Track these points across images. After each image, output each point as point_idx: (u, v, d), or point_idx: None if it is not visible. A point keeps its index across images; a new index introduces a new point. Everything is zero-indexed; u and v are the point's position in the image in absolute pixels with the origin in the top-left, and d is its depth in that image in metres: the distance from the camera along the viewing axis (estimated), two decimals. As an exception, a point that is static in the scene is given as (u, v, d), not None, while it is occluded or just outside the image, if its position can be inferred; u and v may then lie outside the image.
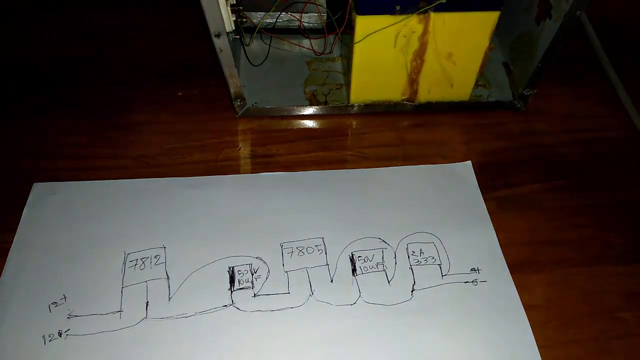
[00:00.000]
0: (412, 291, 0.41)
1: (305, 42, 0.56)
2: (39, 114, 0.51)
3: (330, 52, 0.56)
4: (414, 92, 0.51)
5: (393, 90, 0.51)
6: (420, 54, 0.47)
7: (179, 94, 0.54)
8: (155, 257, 0.41)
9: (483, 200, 0.46)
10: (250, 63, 0.53)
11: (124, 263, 0.41)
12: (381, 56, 0.47)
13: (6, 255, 0.41)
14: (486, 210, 0.45)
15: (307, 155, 0.49)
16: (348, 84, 0.51)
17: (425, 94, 0.51)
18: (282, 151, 0.49)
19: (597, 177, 0.49)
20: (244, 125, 0.52)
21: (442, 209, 0.45)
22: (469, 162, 0.49)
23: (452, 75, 0.50)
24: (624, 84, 0.56)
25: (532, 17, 0.49)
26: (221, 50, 0.44)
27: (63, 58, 0.57)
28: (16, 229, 0.42)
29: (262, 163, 0.48)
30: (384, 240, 0.43)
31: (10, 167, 0.47)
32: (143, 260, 0.41)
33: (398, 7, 0.42)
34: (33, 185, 0.45)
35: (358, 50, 0.46)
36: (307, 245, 0.43)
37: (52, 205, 0.44)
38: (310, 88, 0.53)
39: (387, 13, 0.43)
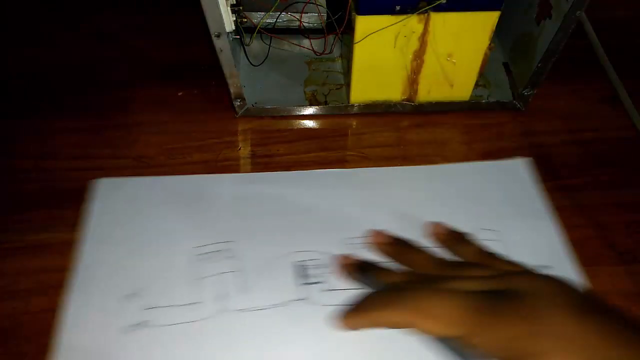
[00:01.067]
0: None
1: (305, 42, 0.56)
2: (39, 114, 0.51)
3: (330, 52, 0.56)
4: (414, 92, 0.51)
5: (393, 90, 0.51)
6: (420, 54, 0.47)
7: (179, 94, 0.54)
8: (227, 250, 0.42)
9: (542, 198, 0.46)
10: (250, 63, 0.53)
11: (195, 256, 0.41)
12: (381, 56, 0.47)
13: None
14: (546, 207, 0.45)
15: (307, 155, 0.49)
16: (348, 84, 0.51)
17: (425, 94, 0.51)
18: (282, 151, 0.49)
19: (597, 177, 0.49)
20: (244, 125, 0.52)
21: (501, 208, 0.45)
22: (529, 158, 0.49)
23: (452, 75, 0.50)
24: (624, 84, 0.56)
25: (532, 17, 0.49)
26: (221, 50, 0.44)
27: (63, 58, 0.57)
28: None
29: (262, 163, 0.48)
30: None
31: (10, 167, 0.47)
32: (214, 253, 0.42)
33: (398, 7, 0.42)
34: (97, 181, 0.45)
35: (358, 50, 0.46)
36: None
37: (117, 201, 0.44)
38: (310, 88, 0.53)
39: (387, 13, 0.43)
